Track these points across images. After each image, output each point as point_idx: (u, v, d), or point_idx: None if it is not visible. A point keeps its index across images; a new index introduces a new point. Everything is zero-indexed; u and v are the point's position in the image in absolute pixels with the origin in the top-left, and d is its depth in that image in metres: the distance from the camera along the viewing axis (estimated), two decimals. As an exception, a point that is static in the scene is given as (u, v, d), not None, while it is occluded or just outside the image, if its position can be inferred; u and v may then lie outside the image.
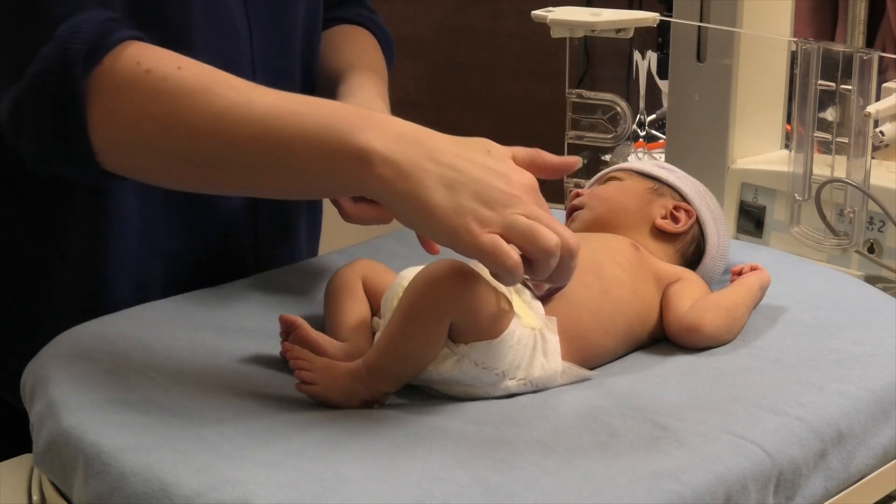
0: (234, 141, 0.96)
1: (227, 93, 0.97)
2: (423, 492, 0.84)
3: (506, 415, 0.97)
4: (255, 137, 0.95)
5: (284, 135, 0.95)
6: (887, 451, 1.01)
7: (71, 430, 0.93)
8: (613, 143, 1.59)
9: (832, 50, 1.38)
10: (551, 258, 0.92)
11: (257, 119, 0.95)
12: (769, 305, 1.16)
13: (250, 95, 0.97)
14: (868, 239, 1.43)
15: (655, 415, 0.96)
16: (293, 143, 0.94)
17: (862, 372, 1.03)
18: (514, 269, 0.91)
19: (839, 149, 1.40)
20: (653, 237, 1.21)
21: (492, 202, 0.92)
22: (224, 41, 1.20)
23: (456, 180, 0.92)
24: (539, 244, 0.91)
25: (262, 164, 0.97)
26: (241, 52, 1.22)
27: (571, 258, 0.94)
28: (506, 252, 0.91)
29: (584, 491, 0.85)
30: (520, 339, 1.01)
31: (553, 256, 0.92)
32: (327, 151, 0.93)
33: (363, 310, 1.10)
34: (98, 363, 1.02)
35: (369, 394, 0.99)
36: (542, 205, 0.94)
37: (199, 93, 0.97)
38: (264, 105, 0.96)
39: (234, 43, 1.21)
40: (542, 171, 0.99)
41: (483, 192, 0.92)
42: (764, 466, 0.90)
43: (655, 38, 2.33)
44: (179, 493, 0.84)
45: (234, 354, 1.08)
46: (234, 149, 0.96)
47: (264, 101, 0.96)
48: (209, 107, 0.96)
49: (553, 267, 0.93)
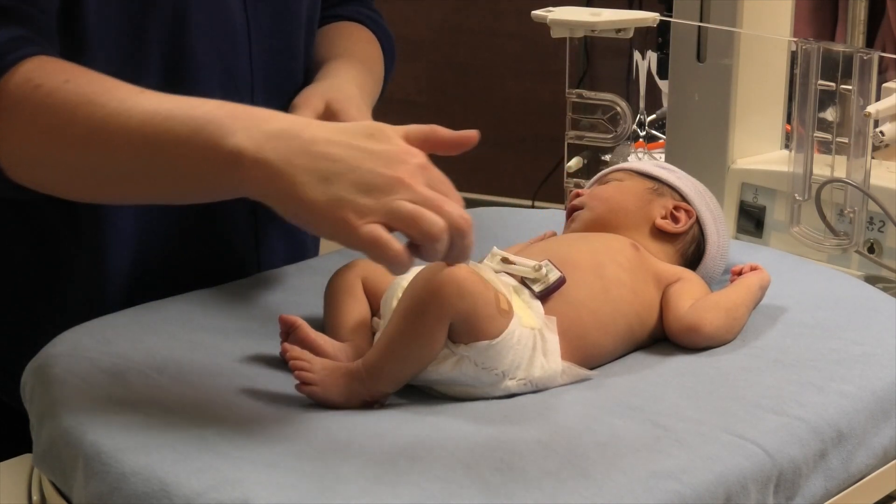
0: (113, 151, 0.96)
1: (107, 102, 0.97)
2: (423, 492, 0.84)
3: (506, 415, 0.97)
4: (132, 146, 0.95)
5: (159, 142, 0.94)
6: (887, 451, 1.01)
7: (71, 430, 0.93)
8: (613, 143, 1.59)
9: (832, 50, 1.38)
10: (437, 243, 0.88)
11: (134, 127, 0.95)
12: (769, 305, 1.16)
13: (130, 103, 0.96)
14: (868, 239, 1.43)
15: (655, 415, 0.96)
16: (167, 150, 0.94)
17: (862, 372, 1.03)
18: (396, 260, 0.88)
19: (839, 149, 1.40)
20: (653, 237, 1.21)
21: (371, 189, 0.88)
22: (222, 43, 1.20)
23: (331, 171, 0.89)
24: (423, 229, 0.88)
25: (142, 173, 0.97)
26: (239, 54, 1.22)
27: (462, 238, 0.89)
28: (385, 243, 0.87)
29: (584, 491, 0.85)
30: (519, 339, 1.01)
31: (438, 241, 0.88)
32: (199, 156, 0.92)
33: (363, 310, 1.10)
34: (98, 363, 1.02)
35: (369, 394, 0.99)
36: (435, 181, 0.90)
37: (80, 105, 0.97)
38: (142, 113, 0.95)
39: (232, 45, 1.21)
40: (438, 147, 0.95)
41: (361, 179, 0.89)
42: (764, 466, 0.90)
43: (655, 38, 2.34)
44: (179, 493, 0.84)
45: (234, 354, 1.08)
46: (115, 159, 0.97)
47: (143, 109, 0.95)
48: (89, 118, 0.96)
49: (442, 251, 0.89)
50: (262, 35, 1.23)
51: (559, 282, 1.07)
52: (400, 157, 0.91)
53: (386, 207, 0.88)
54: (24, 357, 1.06)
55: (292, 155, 0.90)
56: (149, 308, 1.16)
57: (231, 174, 0.91)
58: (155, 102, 0.96)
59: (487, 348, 0.99)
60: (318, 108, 1.18)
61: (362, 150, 0.90)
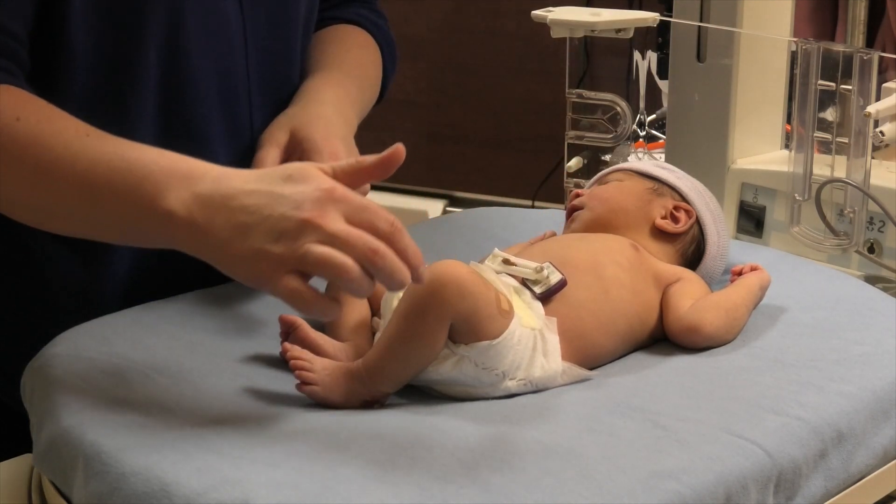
0: (58, 194, 1.01)
1: (55, 146, 1.00)
2: (423, 492, 0.84)
3: (506, 415, 0.97)
4: (77, 192, 0.99)
5: (101, 192, 0.98)
6: (887, 451, 1.01)
7: (71, 430, 0.93)
8: (613, 143, 1.59)
9: (832, 50, 1.38)
10: (352, 282, 0.90)
11: (78, 174, 0.99)
12: (769, 305, 1.16)
13: (75, 148, 1.00)
14: (868, 239, 1.43)
15: (655, 415, 0.96)
16: (107, 201, 0.98)
17: (862, 372, 1.03)
18: (315, 309, 0.91)
19: (839, 149, 1.40)
20: (653, 237, 1.21)
21: (281, 235, 0.90)
22: (218, 46, 1.20)
23: (247, 224, 0.92)
24: (333, 272, 0.90)
25: (82, 216, 1.01)
26: (236, 59, 1.22)
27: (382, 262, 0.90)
28: (301, 297, 0.91)
29: (584, 491, 0.85)
30: (520, 339, 1.01)
31: (352, 280, 0.89)
32: (136, 211, 0.97)
33: (363, 310, 1.10)
34: (98, 363, 1.02)
35: (369, 394, 0.99)
36: (354, 210, 0.91)
37: (29, 146, 1.01)
38: (86, 160, 0.99)
39: (229, 48, 1.21)
40: (368, 176, 0.96)
41: (273, 227, 0.91)
42: (764, 466, 0.90)
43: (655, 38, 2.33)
44: (179, 493, 0.84)
45: (234, 354, 1.08)
46: (59, 202, 1.01)
47: (87, 157, 0.99)
48: (36, 161, 1.00)
49: (365, 283, 0.90)
50: (258, 37, 1.23)
51: (560, 283, 1.07)
52: (311, 195, 0.92)
53: (296, 255, 0.90)
54: (22, 358, 1.07)
55: (215, 213, 0.93)
56: (148, 308, 1.16)
57: (164, 231, 0.96)
58: (98, 150, 1.00)
59: (488, 349, 0.99)
60: (282, 141, 1.19)
61: (275, 196, 0.93)
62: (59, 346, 1.06)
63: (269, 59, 1.25)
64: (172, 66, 1.16)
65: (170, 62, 1.16)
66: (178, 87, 1.17)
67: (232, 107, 1.22)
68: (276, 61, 1.26)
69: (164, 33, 1.14)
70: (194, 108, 1.19)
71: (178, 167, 0.97)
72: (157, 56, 1.15)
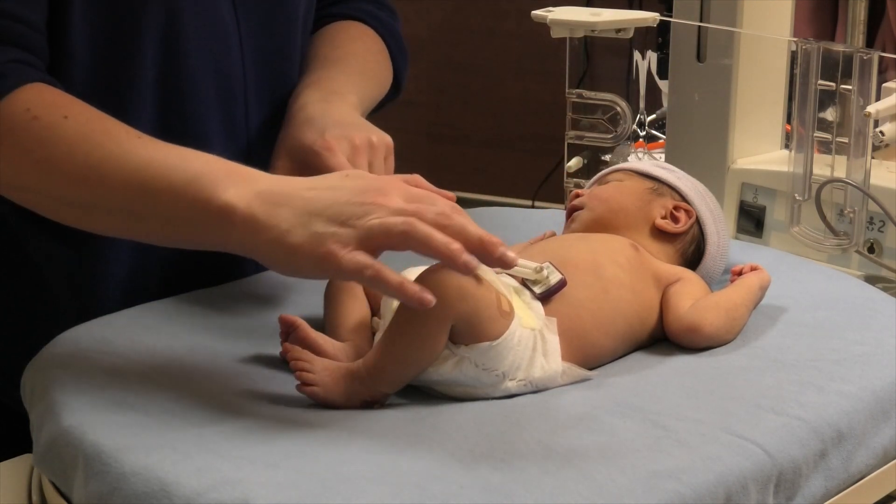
0: (108, 190, 1.01)
1: (105, 143, 1.01)
2: (423, 492, 0.84)
3: (506, 415, 0.97)
4: (128, 187, 1.00)
5: (156, 186, 0.99)
6: (887, 451, 1.01)
7: (71, 431, 0.93)
8: (613, 143, 1.59)
9: (832, 50, 1.38)
10: (411, 241, 0.93)
11: (132, 170, 1.00)
12: (769, 305, 1.16)
13: (127, 146, 1.01)
14: (868, 239, 1.43)
15: (655, 415, 0.96)
16: (162, 195, 0.99)
17: (862, 372, 1.03)
18: (384, 277, 0.93)
19: (839, 149, 1.40)
20: (653, 237, 1.21)
21: (347, 218, 0.94)
22: (214, 45, 1.20)
23: (309, 212, 0.95)
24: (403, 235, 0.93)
25: (133, 213, 1.02)
26: (232, 58, 1.22)
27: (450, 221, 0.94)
28: (371, 267, 0.92)
29: (584, 491, 0.85)
30: (520, 340, 1.01)
31: (412, 238, 0.93)
32: (193, 205, 0.98)
33: (363, 310, 1.10)
34: (98, 363, 1.02)
35: (369, 394, 0.99)
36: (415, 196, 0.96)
37: (79, 143, 1.01)
38: (139, 157, 1.00)
39: (225, 48, 1.21)
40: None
41: (337, 212, 0.94)
42: (764, 466, 0.90)
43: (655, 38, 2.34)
44: (179, 493, 0.84)
45: (234, 354, 1.08)
46: (108, 197, 1.02)
47: (140, 154, 1.01)
48: (87, 157, 1.01)
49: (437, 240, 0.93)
50: (253, 36, 1.23)
51: (560, 284, 1.07)
52: (372, 185, 0.97)
53: (361, 232, 0.93)
54: (21, 359, 1.07)
55: (275, 209, 0.96)
56: (149, 308, 1.16)
57: (220, 226, 0.97)
58: (151, 149, 1.01)
59: (488, 349, 0.99)
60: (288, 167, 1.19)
61: (337, 188, 0.97)
62: (59, 346, 1.06)
63: (265, 58, 1.25)
64: (170, 66, 1.16)
65: (167, 61, 1.16)
66: (176, 87, 1.18)
67: (229, 106, 1.22)
68: (273, 60, 1.26)
69: (160, 32, 1.15)
70: (192, 108, 1.19)
71: (236, 168, 1.00)
72: (154, 55, 1.15)
